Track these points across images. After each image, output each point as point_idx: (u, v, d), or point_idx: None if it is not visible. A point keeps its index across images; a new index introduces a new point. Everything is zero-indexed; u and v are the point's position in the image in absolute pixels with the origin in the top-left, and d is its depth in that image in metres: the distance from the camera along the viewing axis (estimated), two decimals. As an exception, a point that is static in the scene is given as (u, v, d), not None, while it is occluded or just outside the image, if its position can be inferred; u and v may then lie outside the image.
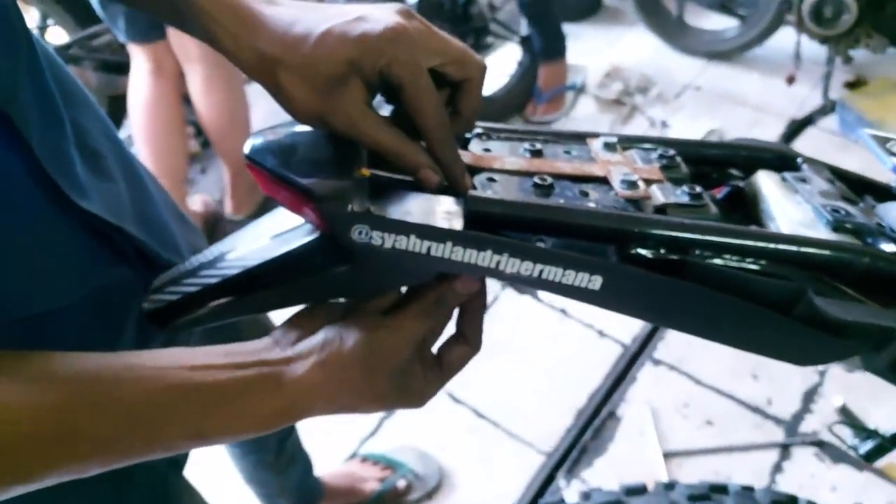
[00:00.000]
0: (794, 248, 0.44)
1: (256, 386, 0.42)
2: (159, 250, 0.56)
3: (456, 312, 0.49)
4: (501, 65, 2.58)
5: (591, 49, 2.80)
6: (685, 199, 0.45)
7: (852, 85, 2.57)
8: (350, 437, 1.59)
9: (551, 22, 2.40)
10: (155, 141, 1.81)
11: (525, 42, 2.46)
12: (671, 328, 0.48)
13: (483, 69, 0.47)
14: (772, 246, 0.43)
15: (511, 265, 0.41)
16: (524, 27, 2.45)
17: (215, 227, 2.04)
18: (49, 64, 0.49)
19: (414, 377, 0.46)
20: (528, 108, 2.51)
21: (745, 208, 0.52)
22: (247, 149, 0.46)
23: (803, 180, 0.51)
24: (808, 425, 1.55)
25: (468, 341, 0.48)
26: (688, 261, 0.43)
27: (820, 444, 1.51)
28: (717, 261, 0.43)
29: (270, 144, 0.46)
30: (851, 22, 2.29)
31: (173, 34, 1.71)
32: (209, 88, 1.77)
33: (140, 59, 1.78)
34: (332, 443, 1.58)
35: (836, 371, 1.65)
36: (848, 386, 1.61)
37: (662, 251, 0.42)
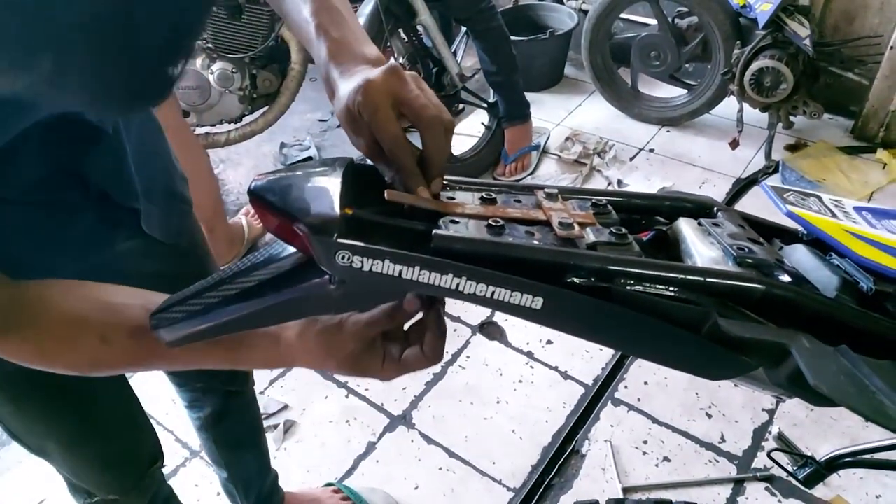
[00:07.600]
0: (700, 277, 0.50)
1: (263, 340, 0.62)
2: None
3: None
4: (471, 129, 2.75)
5: (553, 115, 2.98)
6: (612, 239, 0.52)
7: (793, 148, 2.73)
8: (327, 474, 1.64)
9: (515, 89, 2.55)
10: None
11: (492, 108, 2.62)
12: (603, 345, 0.57)
13: (437, 121, 0.56)
14: (681, 276, 0.50)
15: (469, 287, 0.47)
16: (492, 95, 2.61)
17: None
18: None
19: (369, 362, 0.60)
20: (497, 169, 2.65)
21: (669, 249, 0.59)
22: (252, 185, 0.54)
23: (717, 225, 0.58)
24: (760, 461, 1.63)
25: (424, 353, 0.59)
26: (613, 287, 0.49)
27: (770, 479, 1.58)
28: (638, 287, 0.49)
29: (271, 183, 0.54)
30: (789, 91, 2.47)
31: None
32: None
33: None
34: (309, 480, 1.63)
35: (784, 409, 1.75)
36: (794, 423, 1.71)
37: (592, 279, 0.49)
